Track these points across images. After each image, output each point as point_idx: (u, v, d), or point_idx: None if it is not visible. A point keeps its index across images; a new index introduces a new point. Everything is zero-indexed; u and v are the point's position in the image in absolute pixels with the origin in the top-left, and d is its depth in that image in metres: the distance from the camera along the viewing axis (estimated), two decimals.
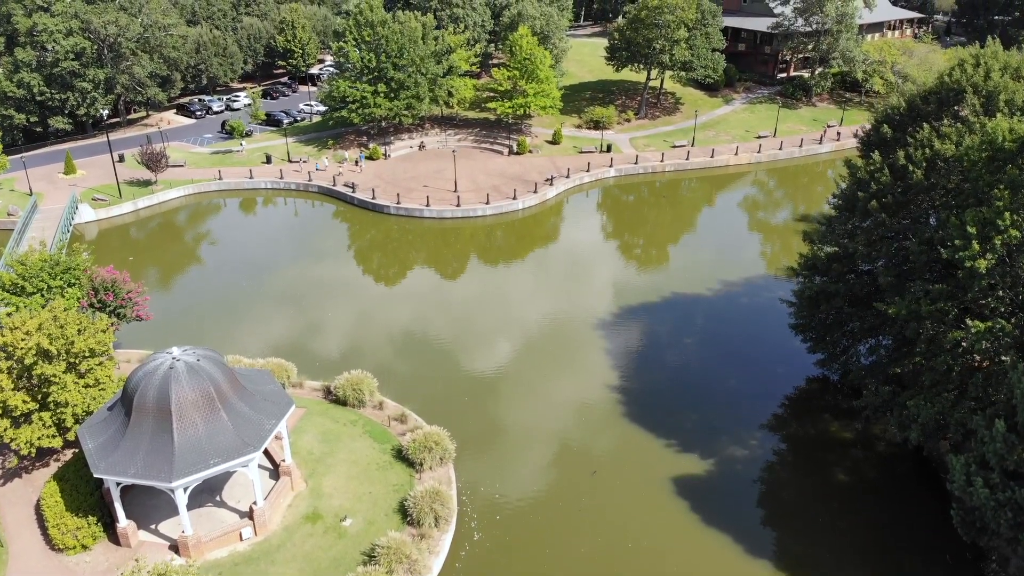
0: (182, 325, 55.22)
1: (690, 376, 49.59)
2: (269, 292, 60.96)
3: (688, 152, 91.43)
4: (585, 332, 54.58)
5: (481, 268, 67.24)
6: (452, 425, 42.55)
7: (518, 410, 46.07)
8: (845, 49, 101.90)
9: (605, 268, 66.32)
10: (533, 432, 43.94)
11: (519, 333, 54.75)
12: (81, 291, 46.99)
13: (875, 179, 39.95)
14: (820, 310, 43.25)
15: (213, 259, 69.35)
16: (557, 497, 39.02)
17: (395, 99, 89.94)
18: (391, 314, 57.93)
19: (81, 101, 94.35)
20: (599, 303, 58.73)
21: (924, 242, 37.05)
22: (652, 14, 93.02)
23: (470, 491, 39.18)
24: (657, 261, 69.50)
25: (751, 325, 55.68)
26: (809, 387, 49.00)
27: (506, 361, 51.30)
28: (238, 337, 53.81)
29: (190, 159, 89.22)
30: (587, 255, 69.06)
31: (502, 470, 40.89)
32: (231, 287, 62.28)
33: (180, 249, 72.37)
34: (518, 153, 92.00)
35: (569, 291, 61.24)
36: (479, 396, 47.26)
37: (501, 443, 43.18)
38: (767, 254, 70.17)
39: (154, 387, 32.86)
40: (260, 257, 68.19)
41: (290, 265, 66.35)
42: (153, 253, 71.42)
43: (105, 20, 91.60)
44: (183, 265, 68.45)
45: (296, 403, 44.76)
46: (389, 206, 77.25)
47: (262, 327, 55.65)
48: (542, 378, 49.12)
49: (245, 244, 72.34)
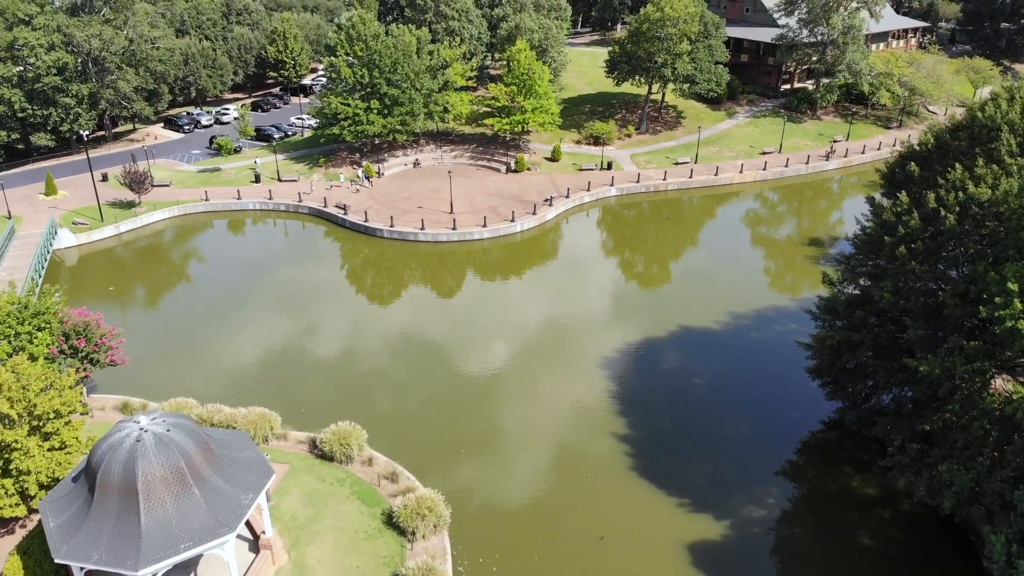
0: (161, 367, 52.21)
1: (699, 421, 46.65)
2: (254, 329, 57.83)
3: (691, 170, 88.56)
4: (588, 372, 51.66)
5: (478, 301, 63.95)
6: (447, 483, 39.81)
7: (518, 465, 43.13)
8: (852, 61, 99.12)
9: (607, 298, 63.41)
10: (534, 491, 41.02)
11: (518, 376, 51.78)
12: (51, 337, 43.98)
13: (903, 222, 37.10)
14: (842, 359, 40.36)
15: (196, 290, 66.07)
16: (562, 568, 36.08)
17: (389, 116, 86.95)
18: (383, 354, 54.90)
19: (64, 117, 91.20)
20: (602, 339, 55.79)
21: (958, 295, 34.25)
22: (654, 27, 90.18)
23: (467, 562, 36.23)
24: (661, 290, 66.48)
25: (762, 363, 52.79)
26: (826, 434, 46.15)
27: (505, 408, 48.33)
28: (220, 380, 50.82)
29: (176, 178, 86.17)
30: (587, 284, 66.15)
31: (502, 537, 37.93)
32: (214, 323, 58.93)
33: (162, 278, 69.12)
34: (516, 171, 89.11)
35: (569, 325, 58.29)
36: (476, 449, 44.31)
37: (500, 506, 40.17)
38: (777, 282, 67.30)
39: (119, 463, 29.83)
40: (245, 289, 64.94)
41: (277, 298, 63.18)
42: (134, 282, 68.34)
43: (88, 34, 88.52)
44: (164, 296, 65.35)
45: (280, 457, 42.11)
46: (382, 229, 74.27)
47: (246, 368, 52.64)
48: (543, 426, 46.18)
49: (229, 273, 68.75)
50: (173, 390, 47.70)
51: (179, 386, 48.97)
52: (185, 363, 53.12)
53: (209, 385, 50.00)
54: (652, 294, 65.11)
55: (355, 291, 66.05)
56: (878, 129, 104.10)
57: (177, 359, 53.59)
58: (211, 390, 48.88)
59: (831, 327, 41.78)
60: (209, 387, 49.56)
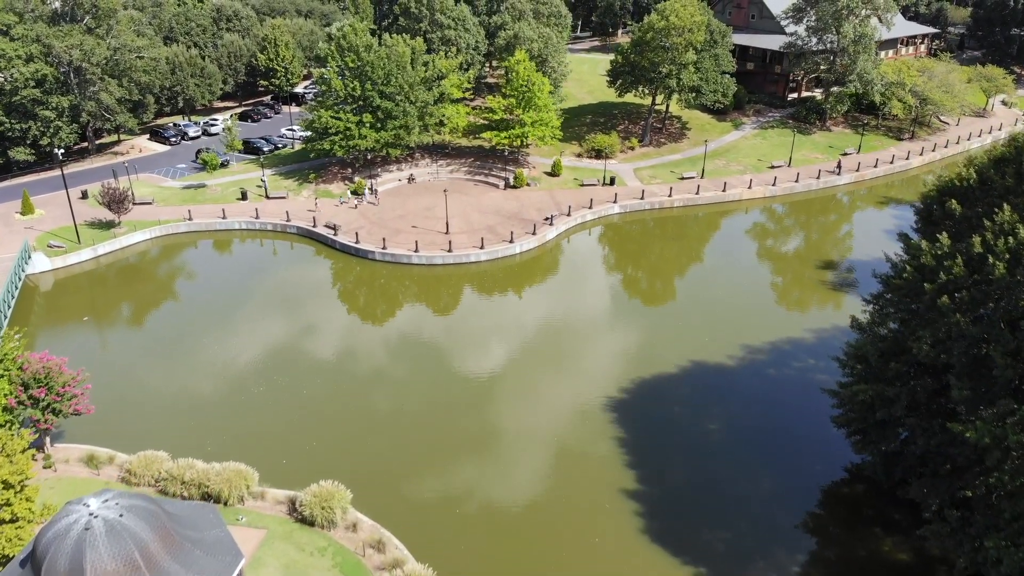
0: (132, 412, 48.39)
1: (716, 475, 42.96)
2: (234, 368, 53.65)
3: (698, 185, 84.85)
4: (593, 416, 47.94)
5: (474, 334, 58.88)
6: (440, 552, 36.18)
7: (518, 529, 39.46)
8: (863, 70, 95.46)
9: (611, 329, 59.66)
10: (536, 559, 37.31)
11: (518, 423, 47.93)
12: (10, 386, 40.32)
13: (944, 268, 33.47)
14: (874, 414, 36.72)
15: (173, 323, 60.93)
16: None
17: (382, 130, 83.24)
18: (372, 398, 50.61)
19: (44, 131, 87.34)
20: (608, 377, 52.05)
21: (1010, 352, 30.63)
22: (658, 36, 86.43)
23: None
24: (670, 319, 61.99)
25: (781, 406, 49.14)
26: (852, 489, 42.55)
27: (503, 462, 44.58)
28: (196, 427, 47.01)
29: (159, 195, 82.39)
30: (590, 312, 62.30)
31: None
32: (191, 361, 54.56)
33: (139, 307, 64.87)
34: (515, 186, 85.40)
35: (573, 362, 54.57)
36: (472, 509, 40.58)
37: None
38: (792, 311, 63.47)
39: (65, 555, 26.08)
40: (225, 322, 60.24)
41: (259, 333, 58.64)
42: (110, 310, 64.63)
43: (68, 44, 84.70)
44: (140, 329, 61.05)
45: (257, 521, 38.45)
46: (374, 251, 70.53)
47: (224, 413, 48.74)
48: (544, 483, 42.48)
49: (210, 304, 63.57)
50: (144, 439, 44.10)
51: (151, 434, 45.32)
52: (159, 407, 49.24)
53: (184, 433, 46.26)
54: (660, 323, 61.07)
55: (343, 325, 61.37)
56: (890, 140, 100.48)
57: (151, 403, 49.69)
58: (186, 439, 45.18)
59: (861, 377, 38.08)
60: (184, 435, 45.86)
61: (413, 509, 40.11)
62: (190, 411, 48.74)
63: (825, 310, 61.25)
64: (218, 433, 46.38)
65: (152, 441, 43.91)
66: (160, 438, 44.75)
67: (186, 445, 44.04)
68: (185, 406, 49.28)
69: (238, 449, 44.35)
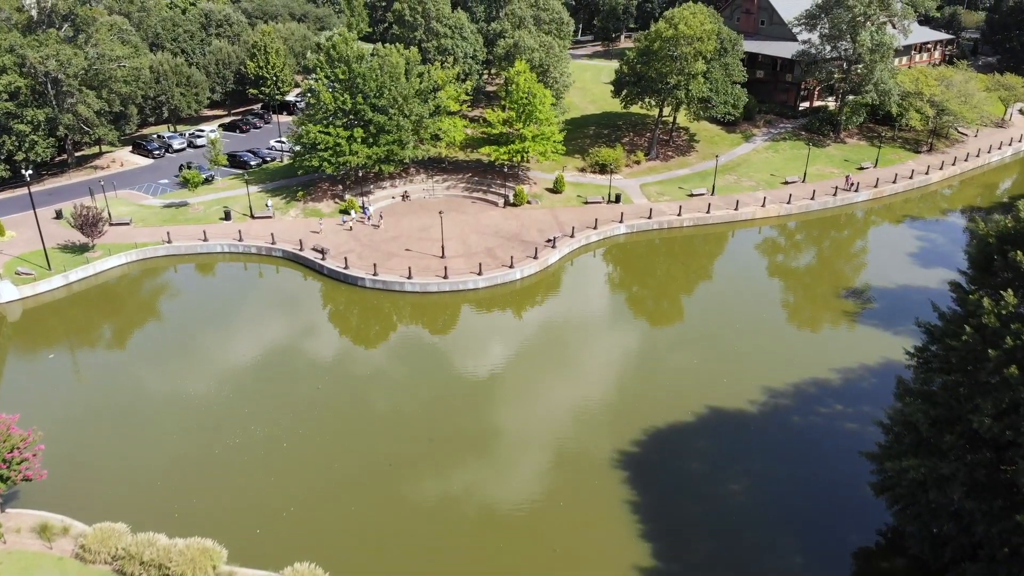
0: (93, 473, 43.68)
1: (741, 548, 38.51)
2: (206, 420, 48.33)
3: (708, 203, 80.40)
4: (603, 476, 43.38)
5: (469, 372, 54.25)
6: None
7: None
8: (880, 80, 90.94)
9: (621, 368, 54.98)
10: None
11: (515, 480, 43.50)
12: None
13: (1012, 332, 28.99)
14: (927, 495, 32.26)
15: (144, 363, 55.38)
16: None
17: (374, 145, 78.71)
18: (357, 455, 45.48)
19: (19, 145, 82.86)
20: (618, 426, 47.47)
21: None
22: (666, 45, 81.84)
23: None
24: (684, 357, 56.15)
25: (808, 461, 44.73)
26: (891, 563, 38.07)
27: (501, 533, 40.11)
28: (160, 490, 42.25)
29: (138, 214, 77.79)
30: (597, 349, 57.39)
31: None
32: (159, 412, 49.28)
33: (109, 342, 60.16)
34: (515, 204, 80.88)
35: (578, 406, 49.90)
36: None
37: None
38: (814, 348, 58.24)
39: None
40: (200, 364, 54.96)
41: (236, 377, 53.34)
42: (77, 346, 59.77)
43: (43, 55, 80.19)
44: (107, 371, 55.30)
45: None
46: (364, 278, 65.99)
47: (192, 474, 43.52)
48: (549, 565, 38.03)
49: (184, 341, 58.00)
50: (104, 507, 39.96)
51: (112, 500, 41.00)
52: (122, 465, 44.43)
53: (149, 495, 41.83)
54: (673, 361, 56.02)
55: (331, 365, 56.14)
56: (907, 153, 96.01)
57: (114, 461, 44.85)
58: (151, 501, 41.05)
59: (909, 448, 33.59)
60: (149, 497, 41.53)
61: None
62: (158, 470, 43.98)
63: (851, 345, 56.67)
64: (187, 495, 41.82)
65: (115, 502, 40.07)
66: (123, 501, 40.68)
67: (151, 510, 39.93)
68: (152, 463, 44.52)
69: (207, 516, 39.99)
